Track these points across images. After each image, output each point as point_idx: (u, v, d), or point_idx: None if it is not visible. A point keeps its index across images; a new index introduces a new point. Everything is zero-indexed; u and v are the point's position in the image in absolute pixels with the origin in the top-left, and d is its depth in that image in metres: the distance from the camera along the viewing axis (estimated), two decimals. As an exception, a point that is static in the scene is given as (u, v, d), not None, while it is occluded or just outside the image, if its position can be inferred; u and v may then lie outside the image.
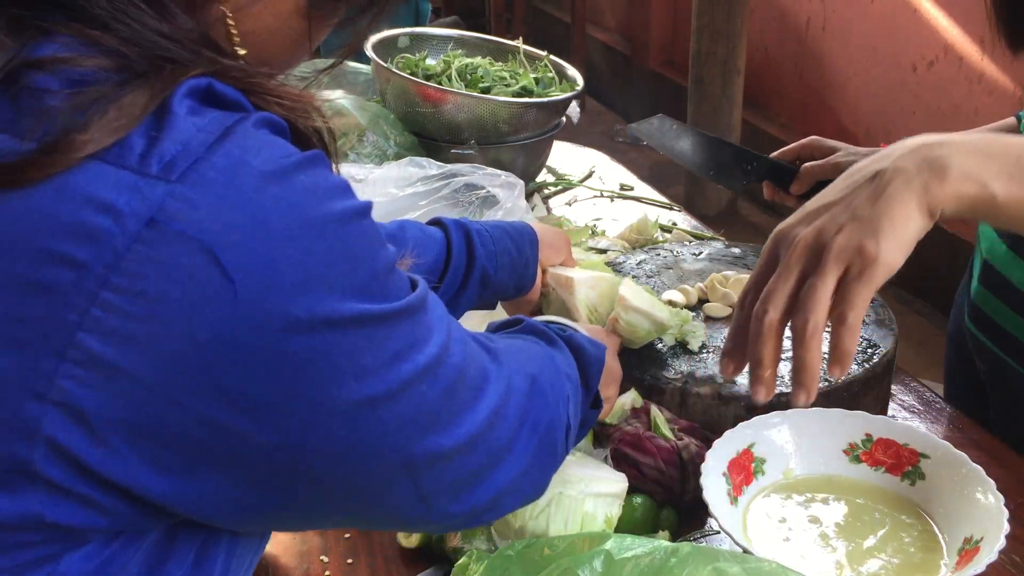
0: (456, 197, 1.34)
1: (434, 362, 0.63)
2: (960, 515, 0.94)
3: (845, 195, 0.82)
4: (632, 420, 1.08)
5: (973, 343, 1.40)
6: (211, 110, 0.56)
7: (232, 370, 0.54)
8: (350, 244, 0.58)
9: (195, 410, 0.55)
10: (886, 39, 3.91)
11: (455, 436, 0.65)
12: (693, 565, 0.73)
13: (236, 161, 0.54)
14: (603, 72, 6.16)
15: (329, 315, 0.56)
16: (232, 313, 0.53)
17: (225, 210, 0.53)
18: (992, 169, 0.79)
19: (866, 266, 0.77)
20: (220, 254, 0.53)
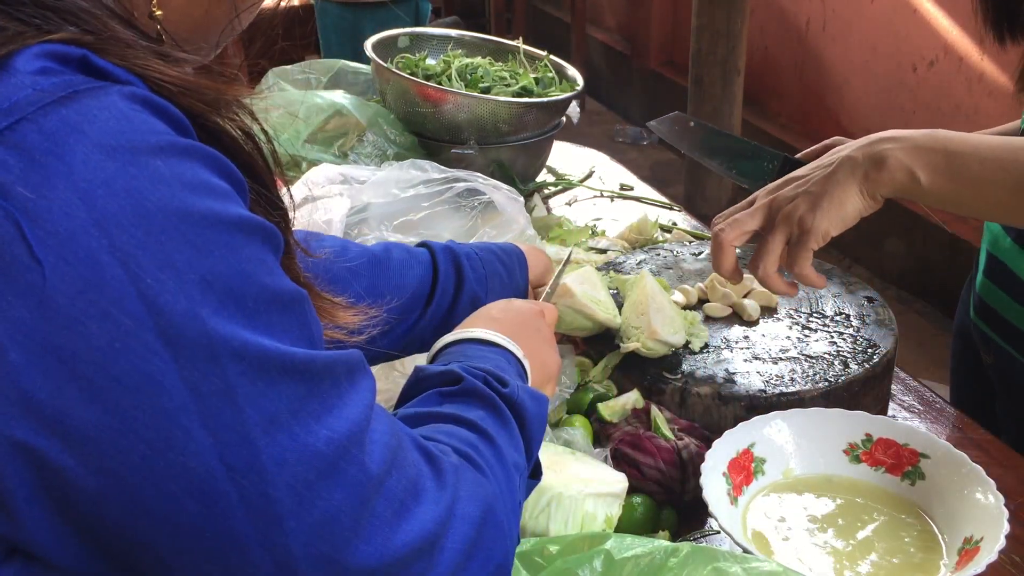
0: (458, 201, 1.34)
1: (335, 452, 0.50)
2: (960, 515, 0.94)
3: (809, 173, 1.03)
4: (632, 420, 1.08)
5: (978, 336, 1.40)
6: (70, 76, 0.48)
7: (43, 381, 0.44)
8: (209, 252, 0.47)
9: (2, 431, 0.44)
10: (886, 39, 3.91)
11: (360, 558, 0.51)
12: (693, 565, 0.73)
13: (70, 127, 0.45)
14: (603, 72, 6.16)
15: (166, 326, 0.45)
16: (41, 306, 0.44)
17: (43, 179, 0.44)
18: (921, 162, 0.97)
19: (803, 234, 1.00)
20: (27, 228, 0.44)
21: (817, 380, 1.13)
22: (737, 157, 1.42)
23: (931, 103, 3.73)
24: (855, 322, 1.24)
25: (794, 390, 1.11)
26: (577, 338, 1.23)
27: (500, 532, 0.62)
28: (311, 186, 1.21)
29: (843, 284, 1.35)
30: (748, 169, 1.42)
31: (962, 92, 3.56)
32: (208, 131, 0.54)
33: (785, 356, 1.18)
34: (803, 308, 1.29)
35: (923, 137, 0.99)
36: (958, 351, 1.53)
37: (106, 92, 0.48)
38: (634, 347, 1.15)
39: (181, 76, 0.53)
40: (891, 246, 3.82)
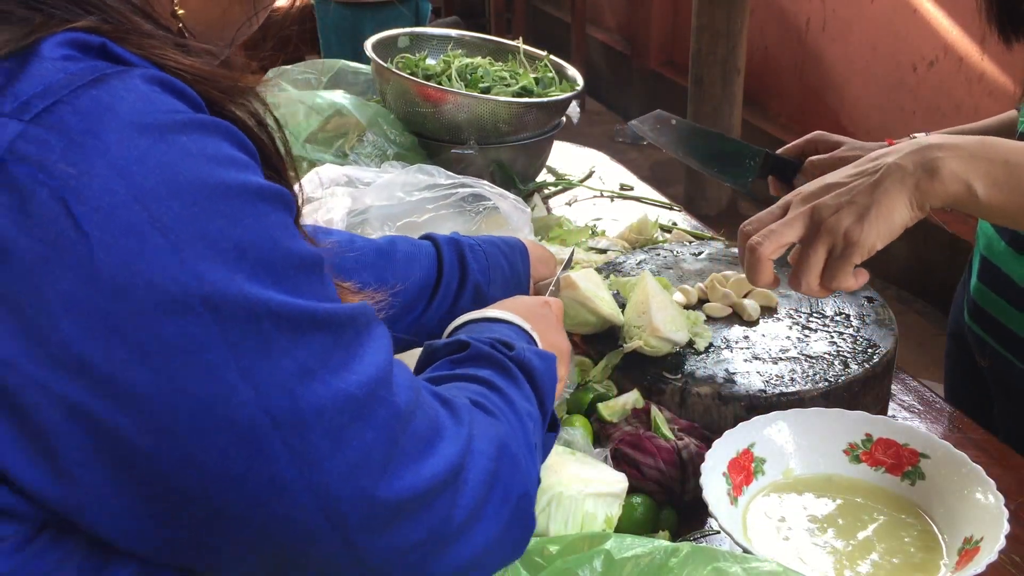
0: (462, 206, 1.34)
1: (365, 396, 0.54)
2: (960, 515, 0.94)
3: (851, 180, 0.95)
4: (632, 420, 1.08)
5: (973, 340, 1.40)
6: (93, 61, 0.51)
7: (94, 347, 0.47)
8: (239, 220, 0.51)
9: (57, 391, 0.47)
10: (886, 39, 3.91)
11: (393, 490, 0.56)
12: (693, 565, 0.73)
13: (103, 107, 0.48)
14: (603, 72, 6.16)
15: (209, 292, 0.49)
16: (90, 276, 0.47)
17: (82, 157, 0.47)
18: (979, 173, 0.91)
19: (847, 247, 0.92)
20: (73, 204, 0.46)
21: (817, 380, 1.13)
22: (719, 154, 1.42)
23: (931, 103, 3.73)
24: (855, 322, 1.25)
25: (794, 390, 1.11)
26: (577, 337, 1.23)
27: (516, 467, 0.67)
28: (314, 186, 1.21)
29: (843, 284, 1.34)
30: (730, 166, 1.42)
31: (962, 92, 3.56)
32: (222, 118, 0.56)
33: (785, 356, 1.18)
34: (803, 308, 1.29)
35: (976, 145, 0.93)
36: (952, 353, 1.53)
37: (129, 75, 0.50)
38: (637, 345, 1.15)
39: (196, 65, 0.56)
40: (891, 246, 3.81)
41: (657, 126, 1.42)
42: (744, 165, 1.42)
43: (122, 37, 0.53)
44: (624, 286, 1.25)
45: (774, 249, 0.96)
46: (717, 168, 1.43)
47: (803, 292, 0.96)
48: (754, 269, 0.97)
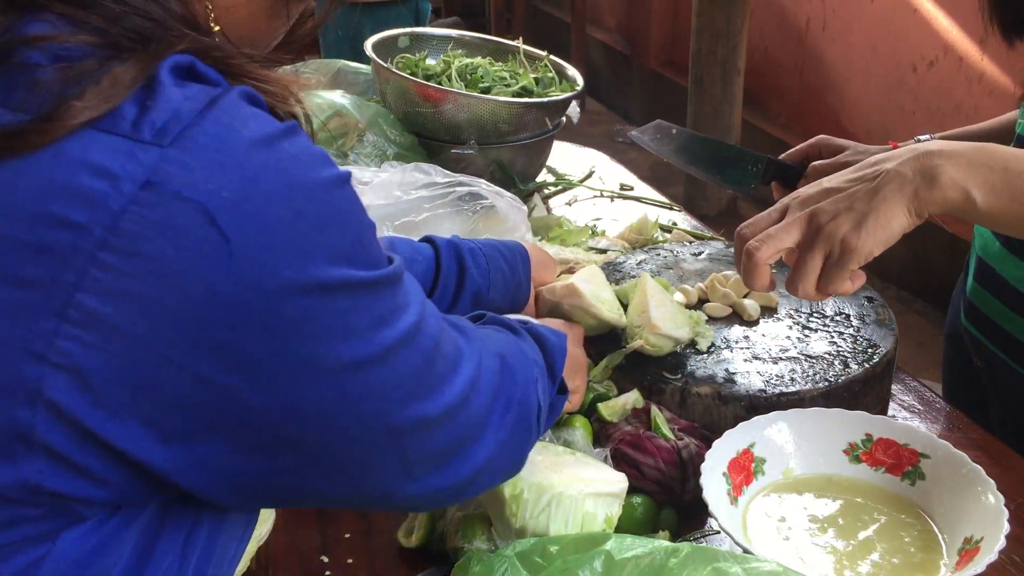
0: (460, 205, 1.34)
1: (413, 330, 0.65)
2: (960, 515, 0.94)
3: (850, 185, 0.95)
4: (632, 420, 1.08)
5: (970, 341, 1.40)
6: (195, 84, 0.58)
7: (226, 329, 0.56)
8: (337, 209, 0.60)
9: (191, 369, 0.56)
10: (886, 39, 3.91)
11: (435, 405, 0.67)
12: (693, 565, 0.73)
13: (225, 126, 0.56)
14: (603, 72, 6.16)
15: (320, 278, 0.58)
16: (228, 271, 0.55)
17: (218, 172, 0.55)
18: (978, 180, 0.91)
19: (844, 254, 0.93)
20: (216, 214, 0.54)
21: (817, 380, 1.13)
22: (721, 162, 1.42)
23: (931, 103, 3.73)
24: (855, 322, 1.24)
25: (794, 390, 1.11)
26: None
27: (514, 376, 0.79)
28: None
29: (843, 284, 1.34)
30: (733, 173, 1.41)
31: (962, 92, 3.56)
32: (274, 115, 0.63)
33: (785, 356, 1.18)
34: (803, 308, 1.29)
35: (975, 152, 0.92)
36: (949, 354, 1.53)
37: (229, 95, 0.58)
38: (638, 345, 1.15)
39: (257, 73, 0.64)
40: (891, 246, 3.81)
41: (657, 136, 1.42)
42: (747, 171, 1.42)
43: (203, 54, 0.61)
44: (623, 292, 1.25)
45: (771, 254, 0.96)
46: (720, 176, 1.43)
47: (800, 296, 0.96)
48: (750, 274, 0.97)
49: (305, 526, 1.06)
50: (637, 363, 1.17)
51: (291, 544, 1.04)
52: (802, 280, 0.95)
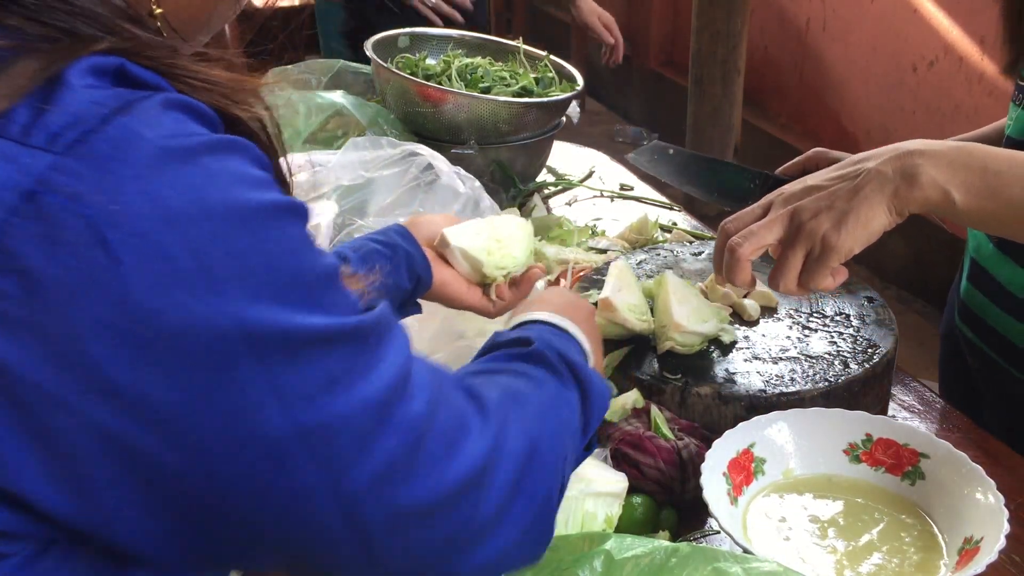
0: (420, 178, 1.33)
1: (388, 397, 0.55)
2: (960, 515, 0.93)
3: (831, 184, 0.97)
4: (632, 420, 1.08)
5: (964, 342, 1.40)
6: (118, 88, 0.52)
7: (125, 370, 0.48)
8: (266, 240, 0.52)
9: (86, 414, 0.48)
10: (886, 39, 3.91)
11: (417, 495, 0.56)
12: (693, 565, 0.73)
13: (131, 134, 0.49)
14: (603, 72, 6.16)
15: (239, 319, 0.50)
16: (122, 301, 0.47)
17: (114, 185, 0.48)
18: (957, 180, 0.92)
19: (824, 251, 0.95)
20: (107, 232, 0.47)
21: (817, 380, 1.13)
22: (719, 180, 1.42)
23: (931, 103, 3.73)
24: (855, 322, 1.24)
25: (794, 390, 1.11)
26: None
27: (544, 468, 0.65)
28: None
29: (843, 284, 1.34)
30: (730, 190, 1.42)
31: (962, 92, 3.56)
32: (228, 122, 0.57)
33: (785, 356, 1.18)
34: (803, 308, 1.29)
35: (955, 152, 0.94)
36: (945, 355, 1.53)
37: (152, 100, 0.51)
38: (668, 346, 1.16)
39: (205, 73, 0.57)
40: (891, 246, 3.82)
41: (655, 157, 1.43)
42: (744, 188, 1.43)
43: (135, 53, 0.54)
44: (650, 289, 1.26)
45: (753, 250, 0.98)
46: (718, 193, 1.44)
47: (781, 292, 0.99)
48: (732, 269, 0.99)
49: (305, 526, 1.06)
50: (637, 363, 1.17)
51: (291, 544, 1.03)
52: (783, 276, 0.97)
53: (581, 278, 1.39)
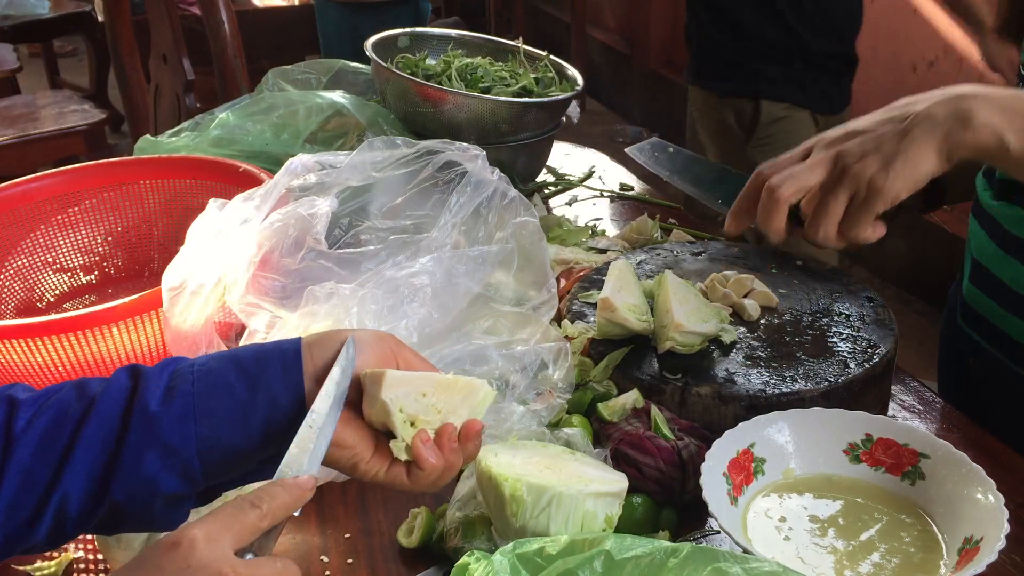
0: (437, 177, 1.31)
1: None
2: (960, 515, 0.94)
3: (877, 127, 0.93)
4: (632, 420, 1.08)
5: (966, 342, 1.40)
6: None
7: None
8: None
9: None
10: (886, 39, 3.91)
11: None
12: (693, 566, 0.73)
13: None
14: (603, 72, 6.16)
15: None
16: None
17: None
18: (1013, 124, 0.89)
19: (871, 195, 0.90)
20: None
21: (817, 380, 1.13)
22: (717, 182, 1.42)
23: (931, 103, 3.72)
24: (855, 322, 1.24)
25: (794, 390, 1.11)
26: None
27: None
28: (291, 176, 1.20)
29: (843, 284, 1.35)
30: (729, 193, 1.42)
31: (962, 92, 3.56)
32: None
33: (785, 356, 1.18)
34: (803, 308, 1.29)
35: (1011, 98, 0.90)
36: (945, 357, 1.53)
37: None
38: (668, 346, 1.16)
39: None
40: (891, 246, 3.82)
41: (655, 154, 1.43)
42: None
43: None
44: (650, 288, 1.26)
45: (794, 191, 0.93)
46: (721, 200, 1.43)
47: (819, 241, 0.94)
48: (768, 212, 0.94)
49: (305, 526, 1.06)
50: (637, 363, 1.17)
51: (291, 544, 1.04)
52: (823, 222, 0.92)
53: (581, 278, 1.39)
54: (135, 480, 0.74)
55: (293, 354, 0.80)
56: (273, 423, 0.78)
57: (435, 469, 0.80)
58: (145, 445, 0.75)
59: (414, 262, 1.15)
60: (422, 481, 0.81)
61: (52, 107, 4.01)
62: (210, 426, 0.76)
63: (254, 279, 1.12)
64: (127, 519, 0.77)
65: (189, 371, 0.78)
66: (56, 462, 0.74)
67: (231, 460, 0.77)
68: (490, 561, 0.77)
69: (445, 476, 0.82)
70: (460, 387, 0.83)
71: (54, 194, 1.49)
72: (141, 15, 3.35)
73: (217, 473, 0.78)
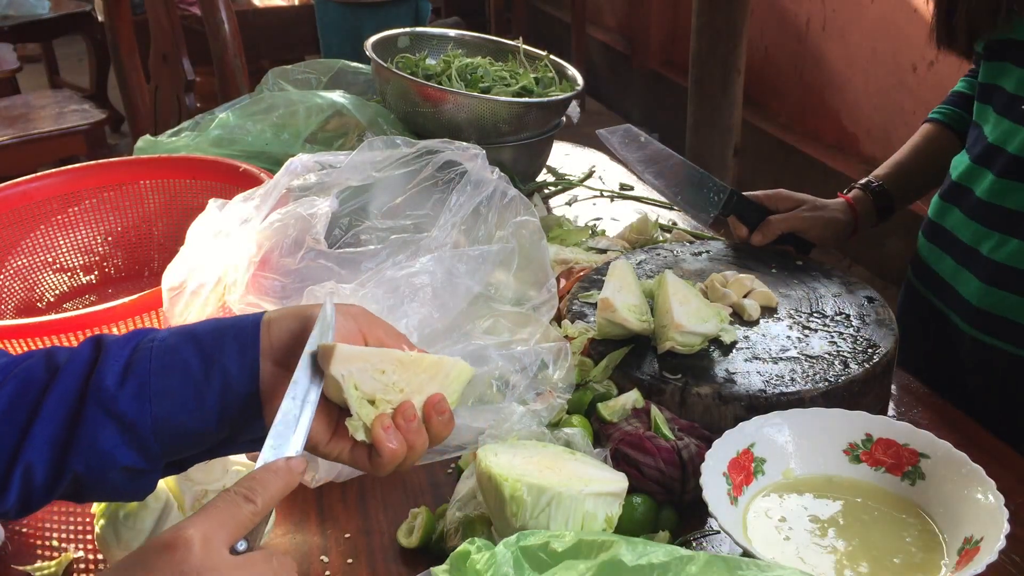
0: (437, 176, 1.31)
1: None
2: (960, 515, 0.93)
3: None
4: (632, 420, 1.08)
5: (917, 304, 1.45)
6: None
7: None
8: None
9: None
10: (886, 39, 3.91)
11: None
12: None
13: None
14: (603, 72, 6.15)
15: None
16: None
17: None
18: None
19: None
20: None
21: (817, 380, 1.13)
22: (684, 183, 1.43)
23: (931, 103, 3.71)
24: (855, 322, 1.24)
25: (794, 390, 1.11)
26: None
27: None
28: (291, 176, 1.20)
29: (843, 284, 1.35)
30: (693, 197, 1.43)
31: (962, 92, 3.56)
32: None
33: (785, 356, 1.18)
34: (803, 308, 1.29)
35: None
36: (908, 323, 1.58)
37: None
38: (668, 346, 1.16)
39: None
40: (891, 246, 3.82)
41: (625, 140, 1.43)
42: (708, 199, 1.44)
43: None
44: (650, 288, 1.26)
45: None
46: (681, 197, 1.44)
47: None
48: None
49: (305, 526, 1.06)
50: (637, 363, 1.17)
51: (291, 544, 1.04)
52: None
53: (581, 278, 1.39)
54: (93, 453, 0.74)
55: (251, 330, 0.78)
56: (227, 402, 0.76)
57: (394, 455, 0.76)
58: (101, 420, 0.75)
59: (414, 262, 1.15)
60: (383, 466, 0.77)
61: (52, 107, 4.01)
62: (164, 406, 0.75)
63: (254, 279, 1.12)
64: (90, 489, 0.77)
65: (149, 346, 0.78)
66: (20, 430, 0.74)
67: (188, 439, 0.77)
68: (493, 553, 0.75)
69: (409, 459, 0.78)
70: (426, 365, 0.78)
71: (54, 194, 1.49)
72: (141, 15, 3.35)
73: (176, 450, 0.77)
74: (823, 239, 1.46)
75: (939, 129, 1.53)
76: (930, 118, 1.57)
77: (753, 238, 1.45)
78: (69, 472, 0.75)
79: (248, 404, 0.77)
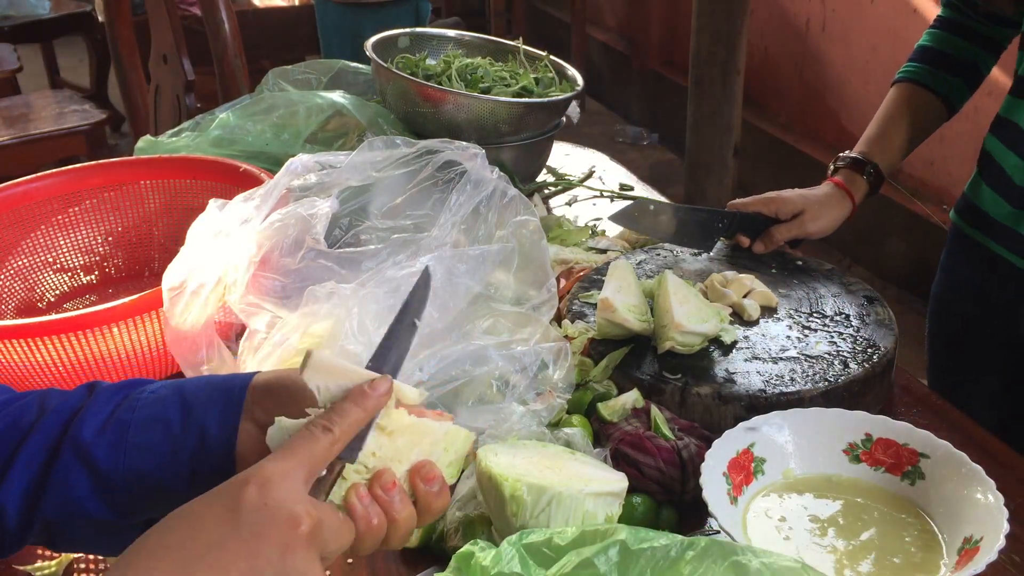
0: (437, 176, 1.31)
1: None
2: (960, 515, 0.94)
3: None
4: (632, 420, 1.08)
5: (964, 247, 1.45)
6: None
7: None
8: None
9: None
10: (886, 40, 3.91)
11: None
12: (711, 559, 0.72)
13: None
14: (603, 72, 6.16)
15: None
16: None
17: None
18: None
19: None
20: None
21: (817, 380, 1.13)
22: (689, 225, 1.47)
23: (931, 103, 3.73)
24: (855, 322, 1.24)
25: (794, 390, 1.11)
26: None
27: None
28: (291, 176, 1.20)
29: (843, 284, 1.35)
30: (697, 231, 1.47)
31: (962, 92, 3.56)
32: None
33: (785, 356, 1.18)
34: (803, 308, 1.29)
35: None
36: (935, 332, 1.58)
37: None
38: (669, 346, 1.16)
39: None
40: (891, 246, 3.82)
41: (636, 215, 1.50)
42: (712, 228, 1.48)
43: None
44: (650, 288, 1.26)
45: None
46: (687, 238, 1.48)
47: None
48: None
49: (305, 526, 1.06)
50: (637, 363, 1.17)
51: (291, 544, 1.03)
52: None
53: (581, 278, 1.39)
54: (63, 500, 0.74)
55: (238, 391, 0.76)
56: (201, 460, 0.74)
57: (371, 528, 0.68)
58: (75, 467, 0.74)
59: (414, 261, 1.15)
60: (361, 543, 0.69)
61: (52, 107, 4.01)
62: (140, 459, 0.74)
63: (254, 279, 1.12)
64: (60, 537, 0.76)
65: (138, 396, 0.77)
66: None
67: (159, 494, 0.74)
68: (498, 552, 0.76)
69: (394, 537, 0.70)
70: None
71: (54, 194, 1.49)
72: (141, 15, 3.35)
73: (147, 507, 0.75)
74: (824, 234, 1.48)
75: (910, 88, 1.58)
76: (898, 79, 1.61)
77: (755, 247, 1.46)
78: (39, 518, 0.74)
79: (222, 464, 0.74)
